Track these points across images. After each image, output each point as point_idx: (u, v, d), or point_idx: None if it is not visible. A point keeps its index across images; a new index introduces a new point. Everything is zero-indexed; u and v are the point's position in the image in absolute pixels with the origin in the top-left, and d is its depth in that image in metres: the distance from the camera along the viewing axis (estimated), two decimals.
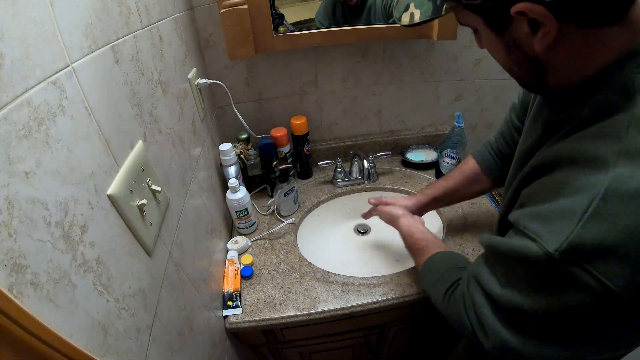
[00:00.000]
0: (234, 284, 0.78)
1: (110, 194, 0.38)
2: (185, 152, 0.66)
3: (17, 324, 0.24)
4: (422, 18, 0.44)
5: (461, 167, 0.79)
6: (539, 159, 0.42)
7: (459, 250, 0.83)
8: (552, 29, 0.35)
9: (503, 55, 0.42)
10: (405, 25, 0.46)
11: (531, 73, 0.42)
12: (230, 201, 0.87)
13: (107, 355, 0.34)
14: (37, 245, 0.27)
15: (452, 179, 0.78)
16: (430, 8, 0.43)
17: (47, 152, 0.29)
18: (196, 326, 0.59)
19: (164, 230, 0.51)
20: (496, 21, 0.39)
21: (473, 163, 0.76)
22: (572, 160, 0.36)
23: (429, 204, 0.79)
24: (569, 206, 0.33)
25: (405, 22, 0.46)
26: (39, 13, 0.30)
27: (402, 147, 1.17)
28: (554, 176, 0.38)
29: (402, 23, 0.46)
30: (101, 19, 0.40)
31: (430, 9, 0.43)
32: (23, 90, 0.27)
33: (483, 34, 0.42)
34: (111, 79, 0.41)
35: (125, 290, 0.39)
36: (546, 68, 0.40)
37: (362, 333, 0.89)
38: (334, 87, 1.05)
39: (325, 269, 0.82)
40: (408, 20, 0.45)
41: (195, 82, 0.78)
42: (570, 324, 0.35)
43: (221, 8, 0.77)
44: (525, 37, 0.37)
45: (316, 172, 1.13)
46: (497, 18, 0.38)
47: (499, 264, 0.42)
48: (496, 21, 0.39)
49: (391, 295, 0.74)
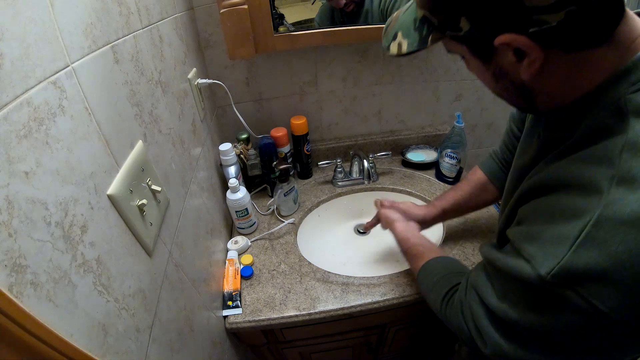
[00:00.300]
0: (234, 284, 0.78)
1: (110, 194, 0.38)
2: (185, 152, 0.66)
3: (17, 324, 0.24)
4: (409, 49, 0.43)
5: (469, 178, 0.79)
6: (536, 179, 0.42)
7: (459, 252, 0.83)
8: (537, 58, 0.35)
9: (491, 82, 0.43)
10: (394, 55, 0.45)
11: (520, 98, 0.42)
12: (230, 201, 0.87)
13: (107, 355, 0.34)
14: (37, 245, 0.27)
15: (461, 191, 0.78)
16: (417, 39, 0.42)
17: (47, 152, 0.29)
18: (196, 326, 0.59)
19: (164, 230, 0.51)
20: (482, 51, 0.39)
21: (480, 173, 0.77)
22: (567, 184, 0.36)
23: (439, 216, 0.78)
24: (563, 231, 0.34)
25: (393, 52, 0.45)
26: (39, 13, 0.30)
27: (402, 147, 1.17)
28: (550, 199, 0.38)
29: (390, 53, 0.45)
30: (101, 19, 0.40)
31: (416, 40, 0.42)
32: (23, 90, 0.27)
33: (470, 62, 0.43)
34: (111, 79, 0.41)
35: (125, 290, 0.39)
36: (534, 94, 0.40)
37: (362, 333, 0.89)
38: (334, 87, 1.05)
39: (325, 269, 0.82)
40: (396, 51, 0.44)
41: (195, 82, 0.78)
42: (564, 339, 0.37)
43: (221, 8, 0.77)
44: (512, 65, 0.38)
45: (316, 172, 1.13)
46: (483, 48, 0.39)
47: (496, 278, 0.43)
48: (482, 51, 0.39)
49: (391, 295, 0.74)
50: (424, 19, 0.41)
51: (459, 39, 0.39)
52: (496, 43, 0.35)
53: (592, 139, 0.36)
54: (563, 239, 0.34)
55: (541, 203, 0.39)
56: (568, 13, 0.31)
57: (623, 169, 0.32)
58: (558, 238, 0.34)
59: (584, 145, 0.36)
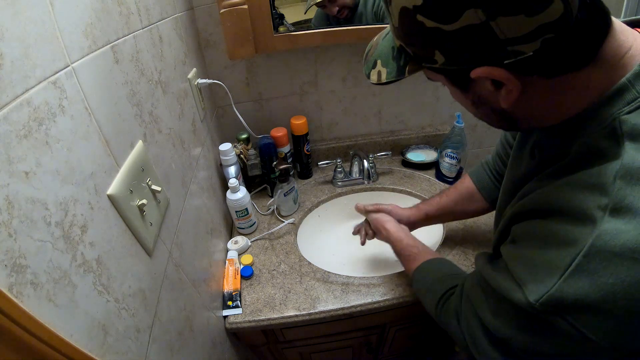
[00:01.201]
0: (234, 284, 0.78)
1: (110, 194, 0.38)
2: (185, 152, 0.66)
3: (17, 324, 0.24)
4: (387, 78, 0.42)
5: (456, 186, 0.78)
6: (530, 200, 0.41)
7: (459, 252, 0.83)
8: (515, 88, 0.35)
9: (471, 108, 0.43)
10: (374, 83, 0.44)
11: (503, 122, 0.42)
12: (230, 201, 0.87)
13: (107, 355, 0.34)
14: (37, 245, 0.27)
15: (446, 197, 0.78)
16: (395, 68, 0.41)
17: (47, 152, 0.29)
18: (196, 326, 0.59)
19: (164, 230, 0.51)
20: (459, 81, 0.39)
21: (469, 182, 0.76)
22: (561, 211, 0.36)
23: (422, 220, 0.78)
24: (554, 259, 0.34)
25: (373, 80, 0.44)
26: (39, 13, 0.30)
27: (402, 147, 1.17)
28: (543, 224, 0.37)
29: (370, 81, 0.45)
30: (101, 19, 0.40)
31: (394, 70, 0.41)
32: (23, 90, 0.27)
33: (450, 90, 0.42)
34: (111, 79, 0.41)
35: (125, 290, 0.39)
36: (515, 118, 0.40)
37: (362, 333, 0.89)
38: (334, 87, 1.05)
39: (325, 269, 0.82)
40: (376, 79, 0.44)
41: (195, 82, 0.78)
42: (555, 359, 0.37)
43: (221, 8, 0.77)
44: (490, 94, 0.37)
45: (316, 172, 1.13)
46: (460, 79, 0.38)
47: (490, 295, 0.43)
48: (459, 81, 0.39)
49: (391, 295, 0.74)
50: (401, 49, 0.40)
51: (436, 70, 0.39)
52: (472, 76, 0.35)
53: (586, 161, 0.35)
54: (554, 267, 0.33)
55: (534, 226, 0.39)
56: (544, 41, 0.30)
57: (617, 197, 0.31)
58: (549, 266, 0.34)
59: (578, 168, 0.36)
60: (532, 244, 0.38)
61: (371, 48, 0.47)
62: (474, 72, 0.35)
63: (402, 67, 0.40)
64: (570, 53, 0.33)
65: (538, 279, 0.34)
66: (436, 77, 0.41)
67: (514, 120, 0.41)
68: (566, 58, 0.33)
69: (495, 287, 0.40)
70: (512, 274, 0.38)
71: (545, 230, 0.37)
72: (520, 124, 0.41)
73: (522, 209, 0.42)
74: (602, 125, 0.34)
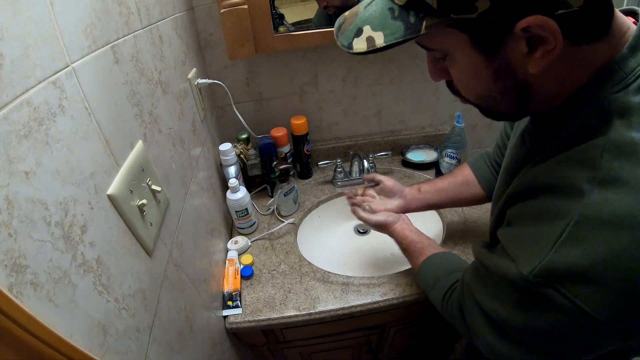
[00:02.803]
0: (234, 284, 0.78)
1: (110, 194, 0.38)
2: (185, 152, 0.66)
3: (17, 324, 0.24)
4: (389, 41, 0.35)
5: (454, 172, 0.79)
6: (521, 182, 0.41)
7: (459, 252, 0.83)
8: (557, 46, 0.31)
9: (486, 83, 0.37)
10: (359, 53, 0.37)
11: (515, 101, 0.38)
12: (230, 201, 0.87)
13: (107, 355, 0.34)
14: (37, 245, 0.27)
15: (443, 180, 0.79)
16: (401, 28, 0.34)
17: (47, 152, 0.29)
18: (196, 326, 0.59)
19: (164, 230, 0.51)
20: (488, 41, 0.33)
21: (468, 171, 0.76)
22: (551, 187, 0.36)
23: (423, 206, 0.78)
24: (545, 232, 0.34)
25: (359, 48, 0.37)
26: (39, 13, 0.30)
27: (402, 147, 1.17)
28: (534, 202, 0.38)
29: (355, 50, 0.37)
30: (101, 19, 0.40)
31: (400, 29, 0.34)
32: (23, 90, 0.27)
33: (462, 60, 0.37)
34: (111, 79, 0.41)
35: (125, 290, 0.39)
36: (531, 93, 0.37)
37: (362, 333, 0.89)
38: (334, 87, 1.05)
39: (325, 269, 0.82)
40: (365, 47, 0.36)
41: (195, 82, 0.78)
42: (550, 339, 0.37)
43: (221, 8, 0.77)
44: (520, 59, 0.33)
45: (316, 172, 1.13)
46: (491, 37, 0.33)
47: (487, 278, 0.43)
48: (488, 41, 0.33)
49: (391, 295, 0.74)
50: (408, 5, 0.34)
51: (464, 25, 0.33)
52: (520, 27, 0.30)
53: (575, 141, 0.35)
54: (545, 238, 0.34)
55: (526, 206, 0.39)
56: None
57: (604, 170, 0.32)
58: (540, 238, 0.34)
59: (567, 147, 0.36)
60: (525, 222, 0.38)
61: (345, 20, 0.40)
62: (523, 22, 0.30)
63: (415, 24, 0.34)
64: (598, 19, 0.31)
65: (530, 251, 0.35)
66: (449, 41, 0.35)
67: (528, 99, 0.37)
68: (594, 25, 0.31)
69: (491, 267, 0.40)
70: (506, 251, 0.38)
71: (537, 207, 0.37)
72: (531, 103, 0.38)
73: (514, 191, 0.42)
74: (593, 106, 0.34)
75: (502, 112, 0.41)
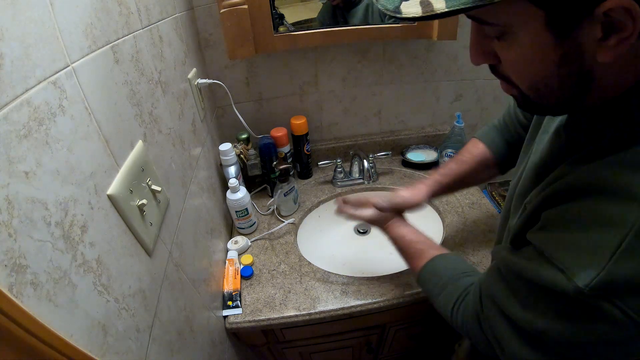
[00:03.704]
0: (234, 284, 0.78)
1: (110, 194, 0.38)
2: (185, 152, 0.66)
3: (17, 324, 0.24)
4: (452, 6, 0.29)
5: (471, 152, 0.73)
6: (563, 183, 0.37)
7: (459, 252, 0.83)
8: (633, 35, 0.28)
9: (548, 69, 0.33)
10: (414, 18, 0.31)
11: (571, 91, 0.34)
12: (230, 201, 0.87)
13: (107, 355, 0.34)
14: (37, 245, 0.27)
15: (465, 164, 0.72)
16: None
17: (47, 152, 0.29)
18: (196, 326, 0.59)
19: (164, 230, 0.51)
20: (565, 21, 0.30)
21: (483, 147, 0.72)
22: (601, 190, 0.33)
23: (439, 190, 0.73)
24: (600, 240, 0.32)
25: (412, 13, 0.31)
26: (39, 13, 0.30)
27: (402, 147, 1.17)
28: (581, 204, 0.35)
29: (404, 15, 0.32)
30: (101, 19, 0.40)
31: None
32: (23, 90, 0.27)
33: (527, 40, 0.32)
34: (111, 79, 0.41)
35: (125, 290, 0.39)
36: (593, 85, 0.33)
37: (362, 333, 0.89)
38: (334, 87, 1.05)
39: (325, 269, 0.82)
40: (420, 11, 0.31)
41: (195, 82, 0.78)
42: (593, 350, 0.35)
43: (221, 8, 0.77)
44: (592, 44, 0.30)
45: (316, 172, 1.13)
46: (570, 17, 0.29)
47: (521, 287, 0.39)
48: (565, 21, 0.30)
49: (391, 295, 0.74)
50: None
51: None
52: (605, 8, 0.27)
53: (626, 142, 0.32)
54: (602, 248, 0.31)
55: (570, 208, 0.36)
56: None
57: None
58: (596, 247, 0.32)
59: (618, 149, 0.33)
60: (570, 227, 0.35)
61: None
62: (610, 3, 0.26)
63: None
64: None
65: (585, 262, 0.32)
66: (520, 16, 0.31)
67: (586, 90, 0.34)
68: None
69: (533, 277, 0.37)
70: (551, 260, 0.35)
71: (584, 211, 0.34)
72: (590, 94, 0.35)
73: (553, 191, 0.38)
74: None
75: (550, 104, 0.37)
